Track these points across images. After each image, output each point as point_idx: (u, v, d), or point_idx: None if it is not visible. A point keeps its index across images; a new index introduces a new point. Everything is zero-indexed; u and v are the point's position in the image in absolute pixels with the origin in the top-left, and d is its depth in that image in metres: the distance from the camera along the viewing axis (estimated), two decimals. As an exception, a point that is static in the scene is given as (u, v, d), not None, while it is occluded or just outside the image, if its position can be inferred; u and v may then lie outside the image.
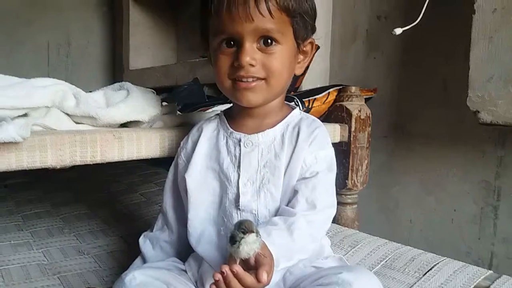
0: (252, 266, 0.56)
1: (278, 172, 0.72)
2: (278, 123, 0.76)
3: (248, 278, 0.54)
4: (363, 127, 1.30)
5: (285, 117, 0.77)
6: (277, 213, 0.72)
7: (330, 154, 0.76)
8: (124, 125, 0.92)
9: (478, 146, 1.21)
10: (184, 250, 0.83)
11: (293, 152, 0.73)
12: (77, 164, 0.79)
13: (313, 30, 0.74)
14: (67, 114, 0.87)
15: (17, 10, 2.46)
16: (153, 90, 2.07)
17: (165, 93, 2.14)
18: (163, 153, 0.89)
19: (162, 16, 2.58)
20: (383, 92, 1.43)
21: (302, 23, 0.71)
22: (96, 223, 1.25)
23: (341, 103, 1.31)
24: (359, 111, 1.29)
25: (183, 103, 1.50)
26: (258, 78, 0.69)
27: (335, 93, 1.36)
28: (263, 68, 0.69)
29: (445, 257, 0.91)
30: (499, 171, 1.17)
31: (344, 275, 0.60)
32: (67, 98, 0.87)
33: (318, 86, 1.46)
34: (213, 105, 1.39)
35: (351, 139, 1.28)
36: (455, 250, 1.25)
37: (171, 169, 0.85)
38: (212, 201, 0.76)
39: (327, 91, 1.35)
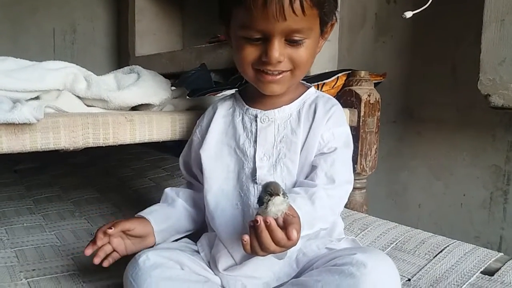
0: (281, 227, 0.57)
1: (295, 147, 0.73)
2: (294, 100, 0.77)
3: (279, 232, 0.55)
4: (372, 112, 1.29)
5: (301, 95, 0.78)
6: (294, 187, 0.72)
7: (346, 130, 0.77)
8: (134, 108, 0.92)
9: (488, 130, 1.20)
10: (200, 222, 0.85)
11: (310, 128, 0.74)
12: (89, 146, 0.79)
13: (336, 7, 0.74)
14: (79, 97, 0.87)
15: (22, -3, 2.45)
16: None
17: (172, 79, 2.15)
18: (174, 136, 0.89)
19: (167, 1, 2.57)
20: (392, 77, 1.42)
21: (329, 10, 0.71)
22: (106, 207, 1.26)
23: (350, 87, 1.30)
24: (369, 95, 1.28)
25: (191, 88, 1.50)
26: (284, 71, 0.70)
27: (344, 78, 1.35)
28: (289, 61, 0.69)
29: (455, 240, 0.91)
30: (509, 155, 1.17)
31: (358, 256, 0.60)
32: (79, 81, 0.87)
33: (327, 71, 1.45)
34: (222, 90, 1.39)
35: (360, 123, 1.28)
36: (464, 234, 1.25)
37: (185, 147, 0.86)
38: (226, 176, 0.76)
39: (336, 76, 1.34)
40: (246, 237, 0.57)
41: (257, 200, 0.59)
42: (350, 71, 1.35)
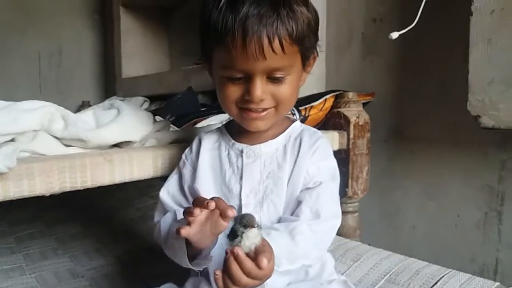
0: (252, 259, 0.54)
1: (281, 183, 0.71)
2: (279, 134, 0.75)
3: (249, 263, 0.53)
4: (362, 134, 1.27)
5: (286, 128, 0.76)
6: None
7: (333, 164, 0.75)
8: (115, 145, 0.89)
9: (480, 149, 1.18)
10: None
11: (295, 162, 0.72)
12: (66, 190, 0.76)
13: (317, 41, 0.72)
14: (56, 138, 0.84)
15: (7, 19, 2.42)
16: (146, 99, 2.03)
17: (159, 101, 2.12)
18: (156, 173, 0.86)
19: (153, 22, 2.54)
20: (381, 96, 1.41)
21: (310, 45, 0.69)
22: (90, 243, 1.22)
23: (338, 109, 1.28)
24: (357, 117, 1.26)
25: (177, 114, 1.47)
26: (268, 108, 0.69)
27: (332, 100, 1.33)
28: (272, 98, 0.68)
29: (451, 269, 0.88)
30: (502, 174, 1.15)
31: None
32: (55, 121, 0.84)
33: (315, 92, 1.43)
34: (209, 115, 1.36)
35: (350, 146, 1.25)
36: (459, 257, 1.22)
37: (171, 181, 0.80)
38: None
39: (323, 98, 1.32)
40: (218, 272, 0.55)
41: (228, 233, 0.57)
42: (338, 92, 1.33)
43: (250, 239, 0.55)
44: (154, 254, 1.11)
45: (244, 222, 0.55)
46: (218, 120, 1.22)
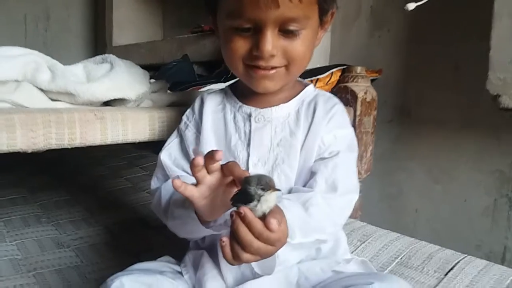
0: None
1: (294, 151, 0.64)
2: (292, 98, 0.67)
3: (258, 223, 0.46)
4: (369, 111, 1.20)
5: (299, 92, 0.68)
6: None
7: (350, 133, 0.68)
8: (107, 103, 0.80)
9: (493, 132, 1.12)
10: None
11: (309, 129, 0.65)
12: (52, 147, 0.67)
13: None
14: (41, 90, 0.75)
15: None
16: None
17: (152, 71, 2.01)
18: (153, 136, 0.78)
19: (147, -11, 2.42)
20: (388, 74, 1.33)
21: None
22: (77, 211, 1.14)
23: (345, 84, 1.21)
24: (365, 93, 1.19)
25: (172, 82, 1.38)
26: (278, 67, 0.61)
27: (339, 74, 1.25)
28: (284, 56, 0.60)
29: (466, 255, 0.83)
30: (515, 159, 1.10)
31: (376, 286, 0.50)
32: (41, 71, 0.75)
33: (318, 66, 1.35)
34: (206, 84, 1.27)
35: (356, 123, 1.19)
36: (465, 243, 1.17)
37: (173, 144, 0.71)
38: None
39: (330, 71, 1.24)
40: (225, 238, 0.47)
41: (242, 196, 0.49)
42: (345, 66, 1.26)
43: (268, 203, 0.47)
44: (147, 226, 1.04)
45: (262, 183, 0.47)
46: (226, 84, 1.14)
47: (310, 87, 0.70)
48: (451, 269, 0.78)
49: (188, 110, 0.73)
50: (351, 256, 0.68)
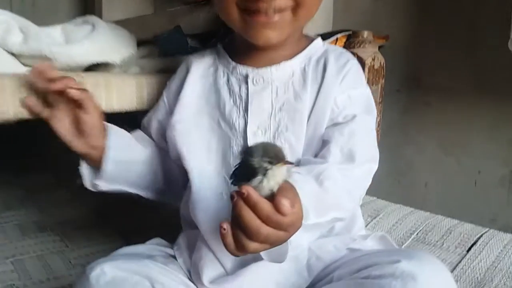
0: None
1: (300, 117, 0.56)
2: (296, 54, 0.59)
3: (265, 204, 0.37)
4: (377, 79, 1.12)
5: (305, 48, 0.59)
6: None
7: (367, 93, 0.60)
8: (89, 69, 0.72)
9: (509, 99, 1.05)
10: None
11: (319, 90, 0.56)
12: (24, 118, 0.59)
13: None
14: (12, 54, 0.66)
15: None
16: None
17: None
18: (141, 105, 0.69)
19: (137, -39, 2.30)
20: (395, 39, 1.24)
21: None
22: (63, 194, 1.07)
23: (352, 50, 1.11)
24: (373, 59, 1.10)
25: (163, 53, 1.29)
26: (283, 9, 0.52)
27: (344, 39, 1.16)
28: None
29: (488, 228, 0.76)
30: (533, 128, 1.02)
31: (403, 265, 0.43)
32: (12, 32, 0.66)
33: (321, 32, 1.26)
34: (200, 54, 1.18)
35: (363, 92, 1.10)
36: (478, 217, 1.10)
37: (148, 115, 0.66)
38: (207, 158, 0.58)
39: (335, 37, 1.15)
40: (225, 224, 0.39)
41: (236, 171, 0.41)
42: (350, 32, 1.17)
43: (276, 177, 0.39)
44: (138, 207, 0.96)
45: (269, 154, 0.39)
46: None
47: (318, 41, 0.61)
48: (474, 244, 0.71)
49: (171, 77, 0.65)
50: (365, 231, 0.60)
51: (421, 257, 0.44)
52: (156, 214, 0.82)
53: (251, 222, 0.37)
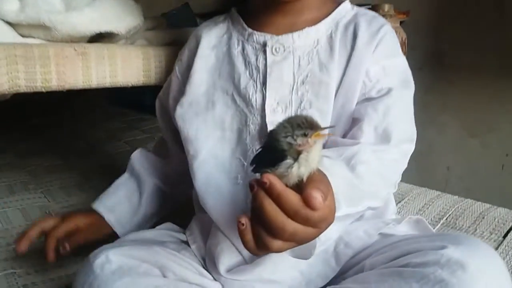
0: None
1: (326, 91, 0.49)
2: (321, 19, 0.52)
3: (292, 196, 0.32)
4: (398, 55, 1.06)
5: (332, 12, 0.53)
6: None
7: (403, 63, 0.53)
8: (93, 41, 0.66)
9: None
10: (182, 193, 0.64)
11: (348, 60, 0.50)
12: (21, 90, 0.54)
13: None
14: (8, 23, 0.61)
15: None
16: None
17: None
18: (148, 79, 0.64)
19: None
20: (417, 16, 1.17)
21: None
22: (70, 177, 1.01)
23: (371, 24, 1.05)
24: (394, 34, 1.03)
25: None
26: None
27: (362, 14, 1.10)
28: None
29: (524, 213, 0.70)
30: None
31: (450, 252, 0.37)
32: (7, 0, 0.60)
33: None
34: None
35: (383, 70, 1.04)
36: (505, 202, 1.04)
37: (163, 88, 0.62)
38: (220, 137, 0.52)
39: (352, 11, 1.09)
40: (244, 219, 0.33)
41: (258, 155, 0.35)
42: (370, 5, 1.10)
43: (309, 163, 0.33)
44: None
45: (302, 125, 0.33)
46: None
47: (347, 4, 0.54)
48: (510, 230, 0.65)
49: (182, 49, 0.60)
50: (396, 215, 0.55)
51: (470, 243, 0.38)
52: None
53: (275, 217, 0.32)
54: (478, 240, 0.40)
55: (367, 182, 0.44)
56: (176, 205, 0.67)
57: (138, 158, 0.65)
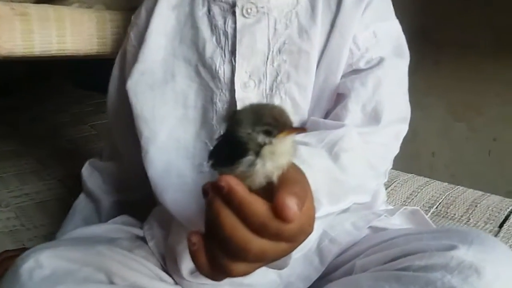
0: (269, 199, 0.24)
1: (306, 61, 0.42)
2: None
3: (259, 204, 0.23)
4: (382, 32, 0.99)
5: None
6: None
7: (396, 28, 0.47)
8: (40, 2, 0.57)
9: (532, 56, 0.93)
10: (144, 196, 0.53)
11: (333, 25, 0.43)
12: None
13: None
14: None
15: None
16: None
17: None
18: (103, 47, 0.55)
19: None
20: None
21: None
22: (26, 163, 0.92)
23: None
24: (379, 9, 0.97)
25: None
26: None
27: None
28: None
29: (518, 200, 0.65)
30: (557, 88, 0.91)
31: (461, 253, 0.30)
32: None
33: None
34: None
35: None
36: (492, 188, 1.00)
37: (117, 60, 0.52)
38: (181, 117, 0.44)
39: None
40: (194, 236, 0.24)
41: (218, 146, 0.27)
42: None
43: (276, 158, 0.25)
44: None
45: (266, 120, 0.25)
46: None
47: None
48: (506, 219, 0.60)
49: (136, 11, 0.50)
50: (386, 205, 0.48)
51: (484, 241, 0.32)
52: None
53: (234, 233, 0.23)
54: (493, 238, 0.34)
55: (352, 174, 0.37)
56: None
57: (88, 175, 0.57)
